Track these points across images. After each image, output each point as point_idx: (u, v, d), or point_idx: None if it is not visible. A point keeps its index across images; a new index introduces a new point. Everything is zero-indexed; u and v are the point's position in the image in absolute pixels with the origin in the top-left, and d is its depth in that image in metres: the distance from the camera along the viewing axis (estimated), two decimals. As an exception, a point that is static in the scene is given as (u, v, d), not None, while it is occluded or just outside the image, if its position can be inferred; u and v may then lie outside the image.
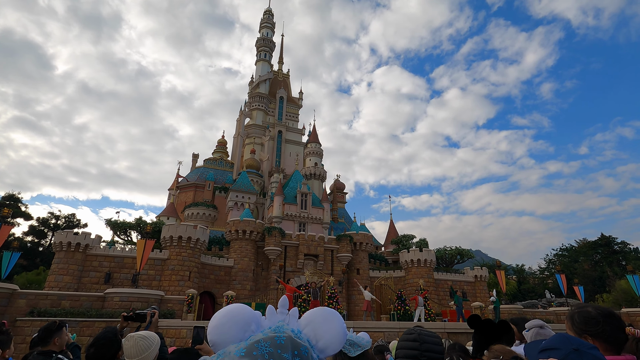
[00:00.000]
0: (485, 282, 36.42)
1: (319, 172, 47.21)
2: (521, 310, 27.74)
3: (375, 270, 36.65)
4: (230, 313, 1.20)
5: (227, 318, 1.18)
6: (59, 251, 25.99)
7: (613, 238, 52.26)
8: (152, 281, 26.83)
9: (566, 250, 56.76)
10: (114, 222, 34.54)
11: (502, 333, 2.64)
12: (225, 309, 1.24)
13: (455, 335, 12.98)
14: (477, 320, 2.66)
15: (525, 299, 47.25)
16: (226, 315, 1.20)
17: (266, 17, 60.69)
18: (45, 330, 3.44)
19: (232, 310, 1.22)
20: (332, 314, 1.25)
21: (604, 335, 1.56)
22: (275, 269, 32.73)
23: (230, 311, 1.22)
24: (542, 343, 1.45)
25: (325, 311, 1.27)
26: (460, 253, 41.38)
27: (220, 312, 1.24)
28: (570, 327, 1.66)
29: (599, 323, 1.58)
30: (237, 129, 54.48)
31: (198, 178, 48.82)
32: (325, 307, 1.34)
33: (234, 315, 1.20)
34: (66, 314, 17.37)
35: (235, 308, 1.23)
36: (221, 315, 1.22)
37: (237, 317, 1.18)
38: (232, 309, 1.23)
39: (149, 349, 2.55)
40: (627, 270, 30.74)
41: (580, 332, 1.60)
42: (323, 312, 1.26)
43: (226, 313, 1.21)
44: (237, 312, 1.21)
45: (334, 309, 15.27)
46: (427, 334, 2.04)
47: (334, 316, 1.25)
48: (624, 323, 1.64)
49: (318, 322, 1.21)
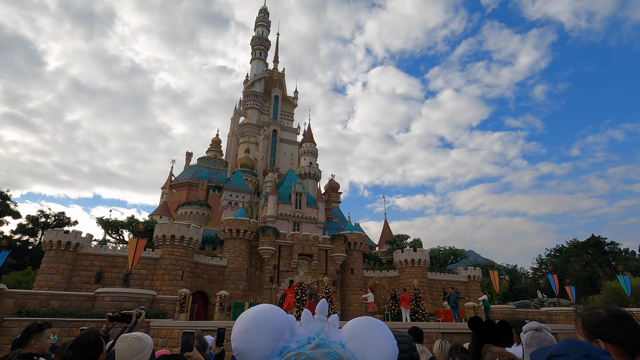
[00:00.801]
0: (478, 282, 36.64)
1: (313, 171, 47.10)
2: (513, 310, 27.91)
3: (370, 270, 36.67)
4: (259, 316, 0.99)
5: (255, 322, 0.97)
6: (48, 250, 25.55)
7: (603, 239, 53.00)
8: (144, 281, 26.50)
9: (557, 250, 57.43)
10: (106, 220, 34.10)
11: (502, 334, 2.58)
12: (253, 310, 1.02)
13: (450, 335, 12.97)
14: (478, 321, 2.58)
15: (518, 299, 47.69)
16: (254, 319, 0.98)
17: (261, 15, 60.44)
18: (24, 331, 3.30)
19: (262, 312, 1.00)
20: (380, 327, 1.03)
21: (618, 338, 1.44)
22: (269, 268, 32.57)
23: (259, 313, 1.00)
24: (550, 349, 1.37)
25: (372, 323, 1.04)
26: (453, 253, 41.60)
27: (247, 313, 1.02)
28: (581, 331, 1.54)
29: (611, 325, 1.47)
30: (232, 128, 54.15)
31: (192, 177, 48.43)
32: (371, 317, 1.12)
33: (264, 319, 0.98)
34: (55, 314, 17.05)
35: (265, 310, 1.02)
36: (248, 318, 0.99)
37: (268, 321, 0.97)
38: (261, 310, 1.01)
39: (143, 350, 2.45)
40: (618, 271, 31.18)
41: (592, 335, 1.49)
42: (369, 324, 1.04)
43: (254, 316, 0.99)
44: (267, 316, 0.99)
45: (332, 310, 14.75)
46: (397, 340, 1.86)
47: (382, 330, 1.03)
48: (638, 325, 1.53)
49: (364, 337, 1.00)
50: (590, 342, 1.47)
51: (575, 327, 1.61)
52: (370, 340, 1.00)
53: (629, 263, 44.01)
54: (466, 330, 14.91)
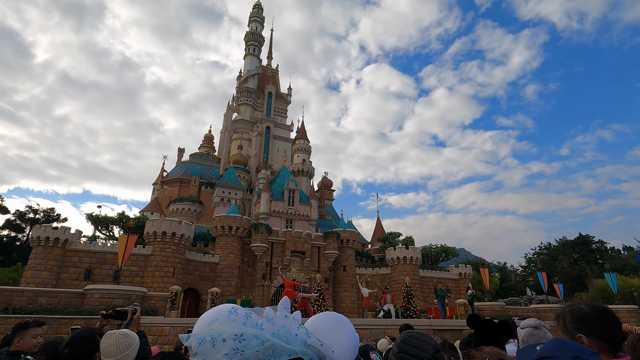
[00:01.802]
0: (469, 280, 37.02)
1: (306, 168, 46.98)
2: (503, 307, 28.30)
3: (362, 267, 36.79)
4: (221, 308, 1.02)
5: (217, 311, 1.02)
6: (36, 246, 25.09)
7: (591, 237, 53.92)
8: (134, 277, 26.21)
9: (546, 248, 58.28)
10: (95, 216, 33.59)
11: (502, 333, 2.55)
12: (215, 309, 1.05)
13: (441, 332, 13.07)
14: (477, 320, 2.55)
15: (507, 296, 48.36)
16: (216, 310, 1.02)
17: (255, 11, 59.93)
18: (13, 329, 3.27)
19: (224, 306, 1.04)
20: (341, 322, 1.08)
21: (600, 333, 1.44)
22: (262, 265, 32.47)
23: (221, 308, 1.03)
24: (537, 350, 1.33)
25: (334, 318, 1.09)
26: (445, 251, 41.93)
27: (210, 312, 1.04)
28: (562, 327, 1.53)
29: (593, 320, 1.46)
30: (225, 124, 53.68)
31: (184, 173, 47.94)
32: (333, 312, 1.13)
33: (226, 310, 1.01)
34: (43, 311, 16.74)
35: (228, 305, 1.05)
36: (210, 312, 1.03)
37: (230, 308, 1.01)
38: (223, 306, 1.04)
39: (130, 347, 2.40)
40: (605, 269, 31.77)
41: (574, 331, 1.48)
42: (331, 319, 1.08)
43: (216, 309, 1.03)
44: (229, 307, 1.02)
45: (321, 307, 14.91)
46: (415, 343, 1.60)
47: (344, 324, 1.08)
48: (619, 320, 1.53)
49: (325, 331, 1.03)
50: (572, 339, 1.46)
51: (556, 326, 1.59)
52: (331, 334, 1.03)
53: (615, 261, 44.89)
54: (457, 327, 15.04)
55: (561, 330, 1.54)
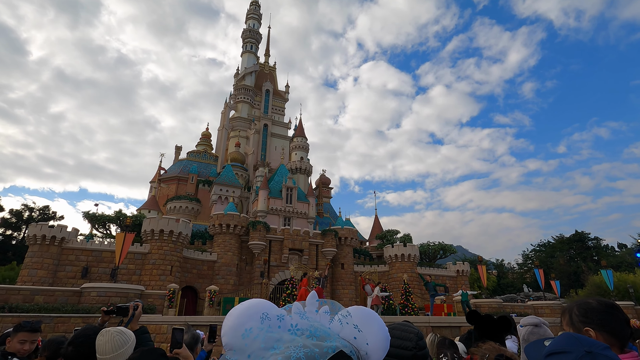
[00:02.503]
0: (467, 277, 37.17)
1: (304, 166, 46.92)
2: (500, 304, 28.39)
3: (360, 265, 36.85)
4: (251, 310, 0.94)
5: (247, 317, 0.92)
6: (32, 244, 24.95)
7: (587, 234, 54.25)
8: (132, 275, 26.13)
9: (543, 245, 58.60)
10: (92, 214, 33.44)
11: (501, 329, 2.53)
12: (243, 304, 0.99)
13: (439, 329, 13.09)
14: (477, 315, 2.53)
15: (505, 293, 48.57)
16: (246, 313, 0.93)
17: (253, 8, 59.62)
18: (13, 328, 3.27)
19: (253, 306, 0.96)
20: (372, 316, 1.00)
21: (607, 326, 1.43)
22: (260, 263, 32.45)
23: (250, 308, 0.95)
24: (548, 345, 1.29)
25: (364, 312, 1.01)
26: (442, 248, 42.06)
27: (238, 308, 0.98)
28: (569, 321, 1.51)
29: (601, 314, 1.46)
30: (222, 122, 53.49)
31: (181, 171, 47.78)
32: (361, 305, 1.09)
33: (257, 314, 0.92)
34: (40, 310, 16.64)
35: (256, 304, 0.97)
36: (239, 312, 0.95)
37: (262, 313, 0.92)
38: (252, 305, 0.97)
39: (125, 345, 2.34)
40: (601, 266, 31.95)
41: (581, 325, 1.47)
42: (362, 313, 0.99)
43: (245, 310, 0.95)
44: (259, 310, 0.93)
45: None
46: (397, 334, 1.67)
47: (374, 317, 1.00)
48: (626, 316, 1.52)
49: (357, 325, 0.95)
50: (579, 332, 1.44)
51: (562, 320, 1.57)
52: (364, 328, 0.94)
53: (611, 258, 45.19)
54: (455, 324, 15.07)
55: (567, 324, 1.51)
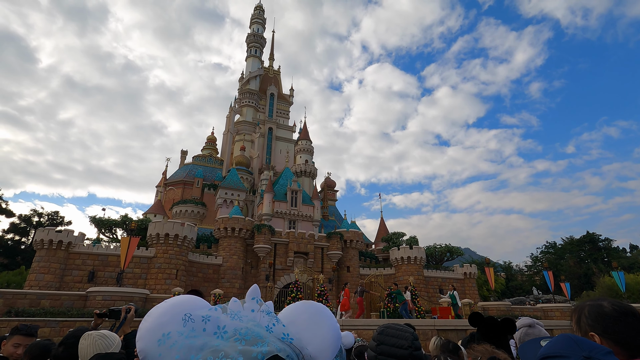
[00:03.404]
0: (474, 279, 36.69)
1: (309, 169, 46.90)
2: (509, 307, 27.95)
3: (366, 267, 36.58)
4: (175, 310, 0.82)
5: (170, 316, 0.81)
6: (40, 249, 25.17)
7: (597, 235, 53.31)
8: (137, 280, 26.21)
9: (551, 247, 57.70)
10: (99, 219, 33.71)
11: (505, 332, 2.40)
12: (169, 302, 0.87)
13: (445, 332, 12.87)
14: (479, 318, 2.39)
15: (514, 295, 47.87)
16: (169, 312, 0.82)
17: (257, 12, 60.05)
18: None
19: (179, 305, 0.84)
20: (321, 312, 0.92)
21: (617, 336, 1.24)
22: (265, 266, 32.37)
23: (175, 306, 0.84)
24: (543, 346, 1.15)
25: (313, 307, 0.93)
26: (449, 250, 41.62)
27: (159, 307, 0.85)
28: (577, 322, 1.34)
29: (613, 321, 1.26)
30: (227, 126, 53.78)
31: (187, 175, 48.05)
32: (311, 301, 0.97)
33: (180, 313, 0.80)
34: (45, 314, 16.72)
35: (182, 302, 0.86)
36: (163, 311, 0.83)
37: (184, 314, 0.80)
38: (178, 302, 0.86)
39: (108, 349, 2.26)
40: (612, 267, 31.31)
41: (588, 328, 1.29)
42: (310, 309, 0.92)
43: (169, 308, 0.83)
44: (184, 309, 0.81)
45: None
46: (392, 332, 1.63)
47: (324, 315, 0.92)
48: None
49: (303, 323, 0.87)
50: (585, 335, 1.28)
51: (571, 319, 1.40)
52: (309, 327, 0.86)
53: (622, 260, 44.31)
54: (461, 327, 14.81)
55: (575, 323, 1.36)
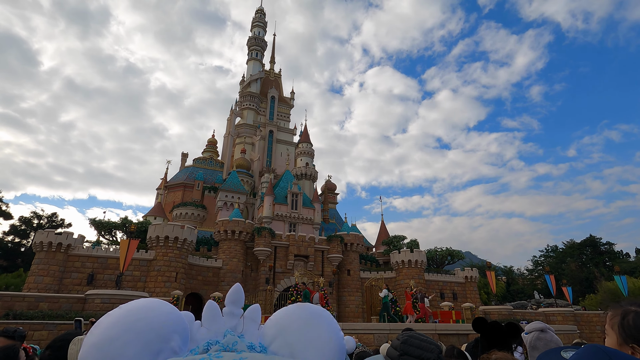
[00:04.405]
0: (475, 283, 36.49)
1: (310, 172, 46.85)
2: (511, 311, 27.75)
3: (366, 271, 36.42)
4: (129, 318, 0.64)
5: (122, 327, 0.62)
6: (39, 251, 25.09)
7: (599, 239, 53.09)
8: (137, 282, 26.09)
9: (552, 251, 57.47)
10: (99, 221, 33.64)
11: (510, 337, 2.32)
12: (119, 310, 0.67)
13: (447, 336, 12.73)
14: (483, 323, 2.31)
15: (515, 299, 47.60)
16: (121, 322, 0.63)
17: (258, 16, 60.25)
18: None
19: (133, 312, 0.65)
20: (319, 316, 0.74)
21: None
22: (265, 269, 32.23)
23: (128, 314, 0.65)
24: (564, 357, 1.07)
25: (308, 311, 0.75)
26: (450, 254, 41.44)
27: (110, 315, 0.66)
28: (619, 325, 1.20)
29: None
30: (228, 129, 53.83)
31: (187, 177, 48.02)
32: (307, 304, 0.80)
33: (136, 322, 0.63)
34: (44, 317, 16.62)
35: (138, 308, 0.66)
36: (110, 322, 0.64)
37: (142, 324, 0.63)
38: (132, 310, 0.66)
39: None
40: (614, 271, 31.12)
41: (629, 338, 1.16)
42: (303, 314, 0.74)
43: (121, 318, 0.64)
44: (142, 317, 0.64)
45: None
46: (417, 343, 1.49)
47: (321, 319, 0.74)
48: None
49: (296, 332, 0.70)
50: (622, 346, 1.16)
51: (608, 320, 1.27)
52: (305, 335, 0.70)
53: (623, 264, 44.07)
54: (463, 332, 14.67)
55: (616, 327, 1.21)
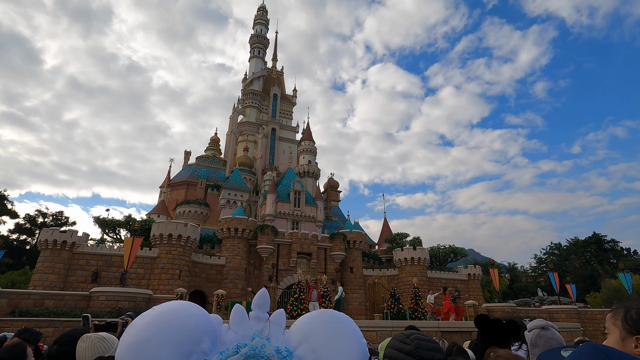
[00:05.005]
0: (478, 281, 36.45)
1: (312, 170, 46.88)
2: (514, 309, 27.74)
3: (369, 268, 36.45)
4: (161, 320, 0.66)
5: (155, 329, 0.64)
6: (44, 249, 25.30)
7: (603, 236, 52.79)
8: (141, 280, 26.28)
9: (556, 248, 57.23)
10: (103, 219, 33.88)
11: (511, 334, 2.33)
12: (152, 312, 0.68)
13: (449, 334, 12.75)
14: (485, 320, 2.32)
15: (518, 297, 47.49)
16: (153, 324, 0.65)
17: (260, 13, 60.16)
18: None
19: (165, 314, 0.67)
20: (341, 323, 0.75)
21: None
22: (268, 267, 32.35)
23: (161, 316, 0.66)
24: (566, 357, 1.08)
25: (331, 318, 0.76)
26: (453, 251, 41.40)
27: (143, 317, 0.67)
28: (622, 320, 1.25)
29: None
30: (230, 126, 53.92)
31: (190, 176, 48.20)
32: (330, 310, 0.81)
33: (168, 324, 0.65)
34: (49, 314, 16.79)
35: (170, 311, 0.68)
36: (144, 324, 0.66)
37: (174, 327, 0.64)
38: (165, 312, 0.67)
39: (107, 352, 2.25)
40: (619, 269, 30.97)
41: (635, 330, 1.21)
42: (327, 320, 0.75)
43: (154, 320, 0.66)
44: (173, 319, 0.66)
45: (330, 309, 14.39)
46: (428, 346, 1.54)
47: (345, 326, 0.74)
48: None
49: (321, 337, 0.71)
50: (627, 339, 1.20)
51: (609, 319, 1.31)
52: (329, 341, 0.71)
53: (628, 262, 43.83)
54: (466, 329, 14.69)
55: (619, 322, 1.26)
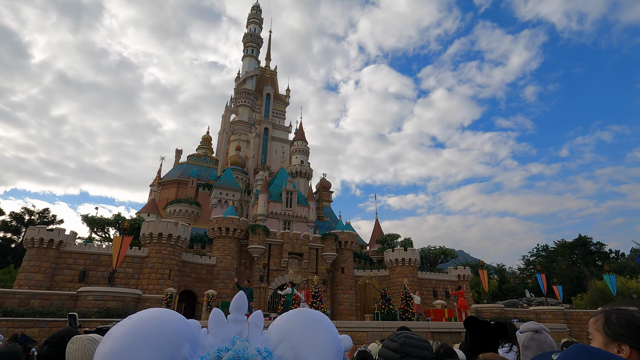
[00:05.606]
0: (468, 282, 36.83)
1: (305, 170, 46.84)
2: (502, 309, 28.09)
3: (360, 269, 36.56)
4: (140, 326, 0.67)
5: (134, 336, 0.65)
6: (30, 248, 24.79)
7: (589, 239, 53.85)
8: (130, 279, 25.92)
9: (544, 250, 58.18)
10: (91, 218, 33.31)
11: (500, 336, 2.36)
12: (131, 319, 0.70)
13: (439, 334, 12.86)
14: (474, 321, 2.35)
15: (506, 298, 48.17)
16: (133, 331, 0.66)
17: (254, 12, 59.93)
18: None
19: (144, 321, 0.68)
20: (318, 321, 0.80)
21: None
22: (259, 267, 32.21)
23: (140, 323, 0.68)
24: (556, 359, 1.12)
25: (309, 316, 0.81)
26: (444, 253, 41.75)
27: (122, 325, 0.69)
28: (603, 326, 1.28)
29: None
30: (223, 125, 53.55)
31: (181, 174, 47.73)
32: (307, 308, 0.87)
33: (147, 331, 0.66)
34: (35, 314, 16.46)
35: (149, 317, 0.69)
36: (123, 332, 0.67)
37: (154, 333, 0.66)
38: (144, 319, 0.69)
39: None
40: (604, 270, 31.62)
41: (616, 336, 1.22)
42: (305, 318, 0.80)
43: (132, 327, 0.67)
44: (152, 325, 0.67)
45: (319, 310, 14.74)
46: (414, 343, 1.58)
47: (321, 324, 0.80)
48: None
49: (298, 336, 0.76)
50: (609, 345, 1.22)
51: (591, 324, 1.34)
52: (307, 339, 0.76)
53: (613, 264, 44.79)
54: (455, 330, 14.84)
55: (600, 329, 1.28)
